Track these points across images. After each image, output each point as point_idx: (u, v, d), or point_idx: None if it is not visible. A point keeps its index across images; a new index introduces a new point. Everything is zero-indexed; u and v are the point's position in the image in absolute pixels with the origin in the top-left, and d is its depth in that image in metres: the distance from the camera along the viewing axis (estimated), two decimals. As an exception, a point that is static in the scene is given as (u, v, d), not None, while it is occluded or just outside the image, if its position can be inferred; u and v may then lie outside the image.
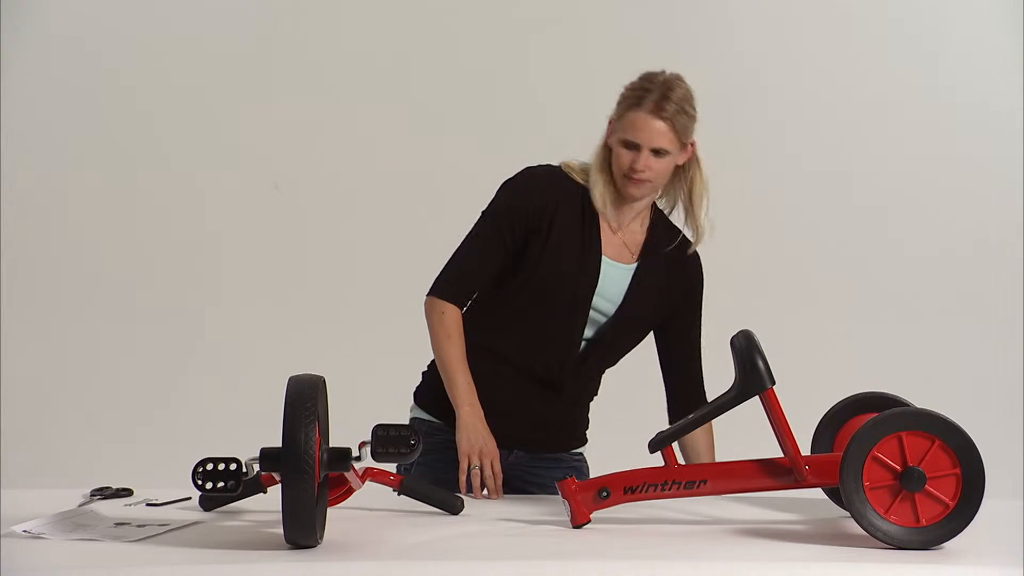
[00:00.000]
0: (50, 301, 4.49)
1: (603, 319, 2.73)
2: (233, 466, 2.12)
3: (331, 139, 4.46)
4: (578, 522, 2.31)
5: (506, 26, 4.48)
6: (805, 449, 2.33)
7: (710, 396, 2.35)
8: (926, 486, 2.12)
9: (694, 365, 2.85)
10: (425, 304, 2.75)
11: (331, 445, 2.15)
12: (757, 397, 2.28)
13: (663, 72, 2.71)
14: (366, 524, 2.33)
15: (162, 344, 4.47)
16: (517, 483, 2.77)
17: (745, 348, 2.28)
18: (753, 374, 2.27)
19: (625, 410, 4.25)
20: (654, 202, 2.78)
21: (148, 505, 2.48)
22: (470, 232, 2.76)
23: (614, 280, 2.73)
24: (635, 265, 2.75)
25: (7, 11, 4.25)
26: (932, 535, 2.11)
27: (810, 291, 4.44)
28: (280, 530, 2.08)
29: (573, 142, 4.44)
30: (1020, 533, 2.24)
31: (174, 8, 4.48)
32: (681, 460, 2.59)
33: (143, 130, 4.49)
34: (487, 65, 4.48)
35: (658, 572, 2.02)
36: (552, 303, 2.70)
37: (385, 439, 2.18)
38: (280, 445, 2.03)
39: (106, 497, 2.52)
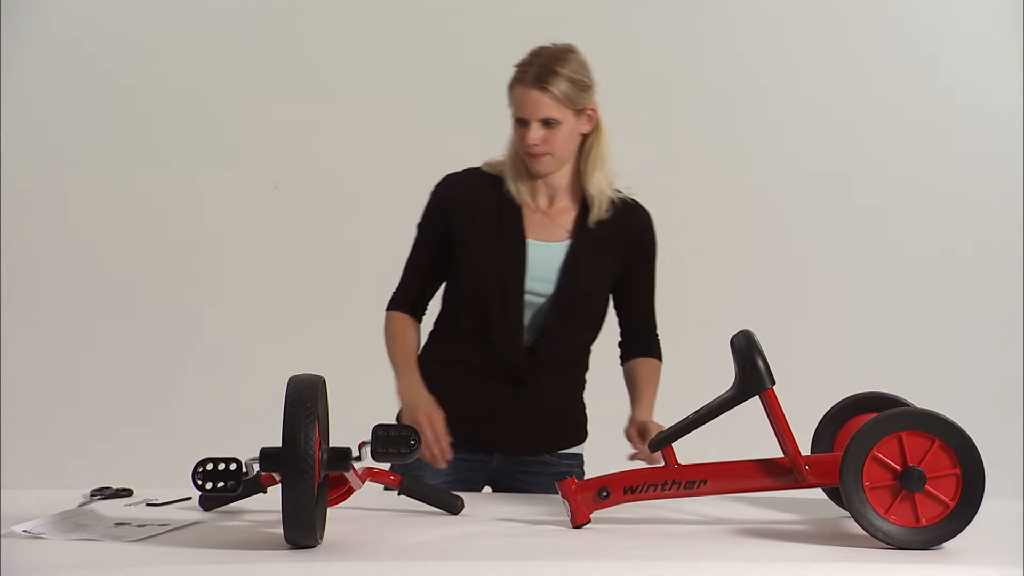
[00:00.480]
0: (50, 301, 4.49)
1: (543, 301, 2.70)
2: (233, 466, 2.12)
3: (331, 139, 4.46)
4: (578, 522, 2.31)
5: (506, 26, 4.47)
6: (805, 449, 2.33)
7: (710, 396, 2.34)
8: (926, 486, 2.12)
9: (648, 313, 2.85)
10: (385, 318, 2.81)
11: (331, 445, 2.15)
12: (757, 397, 2.28)
13: (550, 45, 2.70)
14: (366, 524, 2.33)
15: (162, 344, 4.47)
16: (503, 488, 2.77)
17: (745, 348, 2.28)
18: (753, 374, 2.27)
19: (625, 410, 4.26)
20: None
21: (148, 505, 2.48)
22: (411, 248, 2.81)
23: (545, 261, 2.70)
24: (568, 242, 2.72)
25: (7, 11, 4.25)
26: (932, 535, 2.11)
27: (810, 291, 4.44)
28: (280, 530, 2.08)
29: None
30: (1020, 533, 2.24)
31: (174, 8, 4.48)
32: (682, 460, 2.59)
33: (143, 130, 4.49)
34: (487, 65, 4.45)
35: (658, 572, 2.02)
36: (486, 296, 2.69)
37: (385, 439, 2.18)
38: (280, 445, 2.04)
39: (106, 497, 2.52)
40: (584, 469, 2.87)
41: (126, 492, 2.58)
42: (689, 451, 2.35)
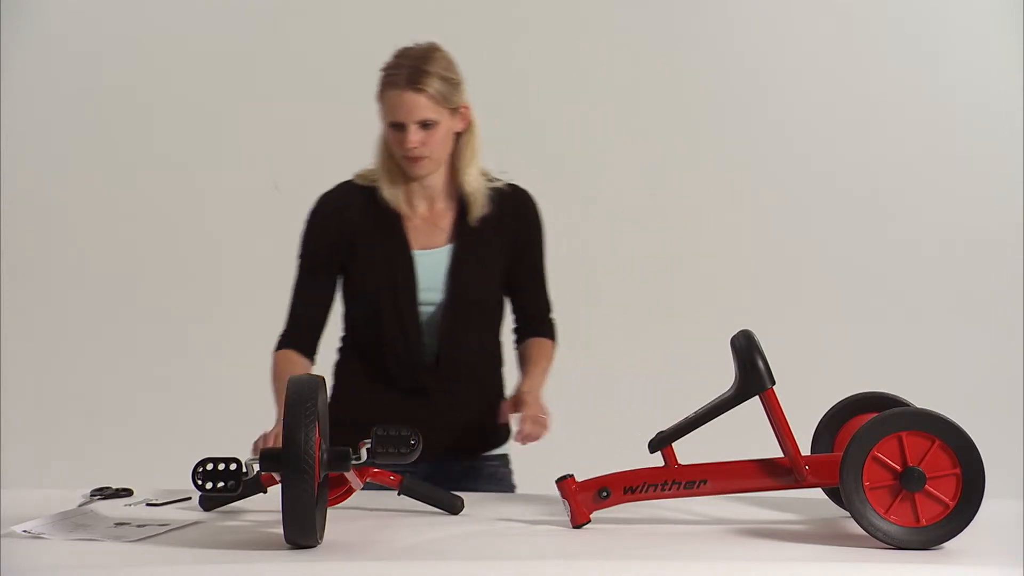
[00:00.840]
0: (50, 301, 4.49)
1: (435, 309, 2.67)
2: (233, 466, 2.12)
3: (331, 139, 4.46)
4: (578, 522, 2.31)
5: (506, 26, 4.48)
6: (805, 449, 2.33)
7: (710, 396, 2.34)
8: (926, 486, 2.13)
9: (539, 296, 2.80)
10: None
11: (331, 446, 2.15)
12: (757, 397, 2.28)
13: (415, 45, 2.66)
14: (366, 524, 2.33)
15: (162, 344, 4.47)
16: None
17: (745, 348, 2.28)
18: (753, 374, 2.27)
19: (625, 410, 4.27)
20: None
21: (148, 505, 2.48)
22: (294, 282, 2.75)
23: (432, 268, 2.67)
24: (451, 246, 2.69)
25: (7, 11, 4.25)
26: (932, 535, 2.11)
27: (810, 291, 4.44)
28: (280, 530, 2.08)
29: (574, 140, 4.47)
30: (1020, 533, 2.24)
31: (174, 9, 4.48)
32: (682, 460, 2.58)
33: (143, 130, 4.49)
34: (486, 65, 4.47)
35: (658, 572, 2.02)
36: (381, 312, 2.65)
37: (384, 439, 2.18)
38: (280, 445, 2.04)
39: (106, 497, 2.53)
40: (510, 467, 2.84)
41: (126, 492, 2.58)
42: (689, 451, 2.35)
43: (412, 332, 2.65)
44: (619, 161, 4.46)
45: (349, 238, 2.67)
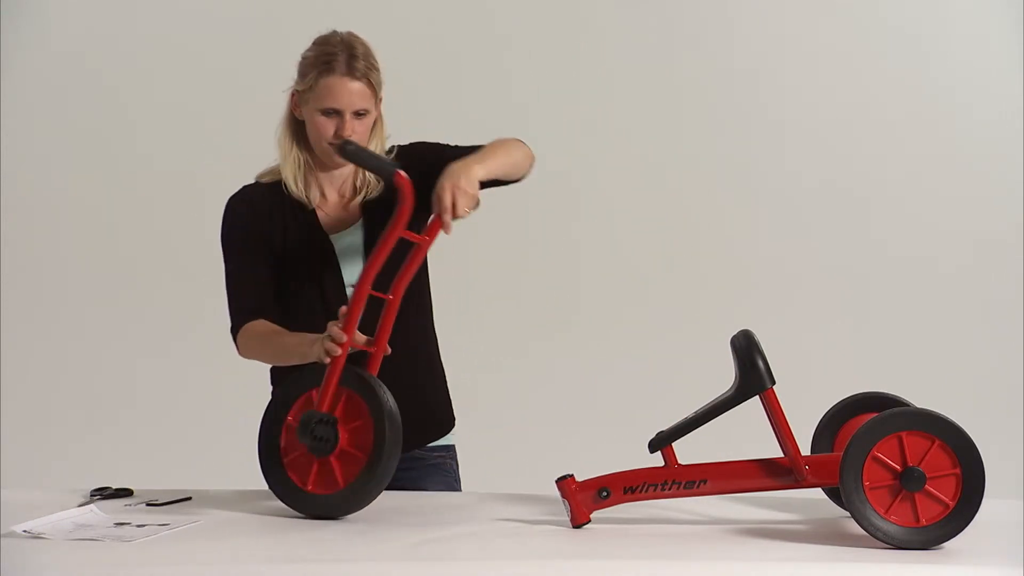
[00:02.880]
0: (50, 301, 4.49)
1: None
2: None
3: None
4: (578, 522, 2.31)
5: (505, 25, 4.48)
6: (805, 449, 2.33)
7: (710, 396, 2.34)
8: (926, 486, 2.13)
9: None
10: (241, 353, 2.68)
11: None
12: (757, 397, 2.28)
13: (336, 32, 2.64)
14: (366, 524, 2.33)
15: (162, 344, 4.47)
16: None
17: (745, 348, 2.28)
18: (753, 374, 2.27)
19: (625, 410, 4.27)
20: None
21: (148, 505, 2.48)
22: (225, 280, 2.72)
23: (349, 248, 2.64)
24: (360, 220, 2.65)
25: (7, 11, 4.25)
26: (932, 535, 2.11)
27: (810, 291, 4.44)
28: (279, 532, 2.08)
29: (574, 141, 4.47)
30: (1020, 533, 2.24)
31: (174, 9, 4.48)
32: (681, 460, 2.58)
33: (143, 131, 4.49)
34: (485, 65, 4.48)
35: (658, 572, 2.02)
36: (308, 304, 2.62)
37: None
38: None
39: (106, 497, 2.53)
40: (457, 460, 2.79)
41: (126, 492, 2.58)
42: (689, 451, 2.35)
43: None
44: (618, 161, 4.46)
45: (267, 235, 2.65)
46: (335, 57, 2.58)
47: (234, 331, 2.70)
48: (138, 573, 2.00)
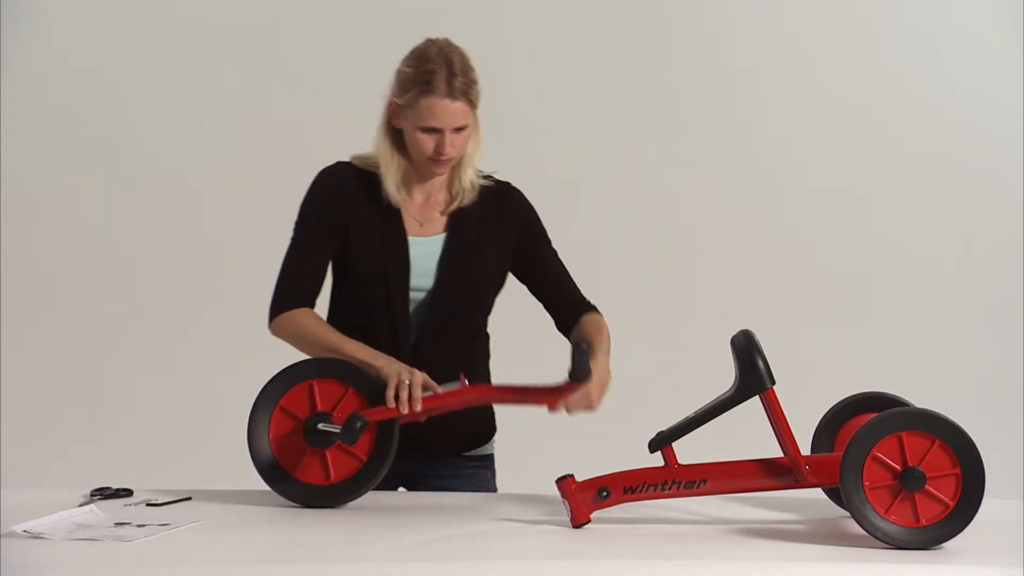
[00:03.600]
0: (50, 301, 4.49)
1: (424, 296, 2.65)
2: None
3: (331, 139, 4.45)
4: (578, 522, 2.31)
5: (505, 25, 4.48)
6: (805, 449, 2.33)
7: (710, 396, 2.34)
8: (926, 486, 2.13)
9: (565, 284, 2.75)
10: (275, 330, 2.68)
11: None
12: (757, 397, 2.28)
13: (434, 43, 2.63)
14: (367, 524, 2.33)
15: (162, 344, 4.47)
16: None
17: (745, 348, 2.28)
18: (753, 374, 2.27)
19: (625, 410, 4.26)
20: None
21: (148, 505, 2.48)
22: (287, 250, 2.71)
23: (425, 256, 2.65)
24: (445, 234, 2.67)
25: (7, 11, 4.25)
26: (932, 535, 2.12)
27: (810, 291, 4.44)
28: (279, 532, 2.08)
29: (573, 141, 4.47)
30: (1020, 533, 2.24)
31: (174, 10, 4.48)
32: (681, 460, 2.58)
33: (143, 131, 4.49)
34: (486, 65, 4.47)
35: (658, 572, 2.02)
36: (371, 296, 2.64)
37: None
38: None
39: (106, 497, 2.52)
40: (495, 469, 2.81)
41: (126, 492, 2.58)
42: (689, 451, 2.35)
43: (400, 318, 2.63)
44: (618, 161, 4.46)
45: (347, 216, 2.66)
46: (434, 75, 2.57)
47: (276, 309, 2.69)
48: (138, 573, 2.00)
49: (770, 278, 4.43)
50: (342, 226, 2.66)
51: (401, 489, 2.73)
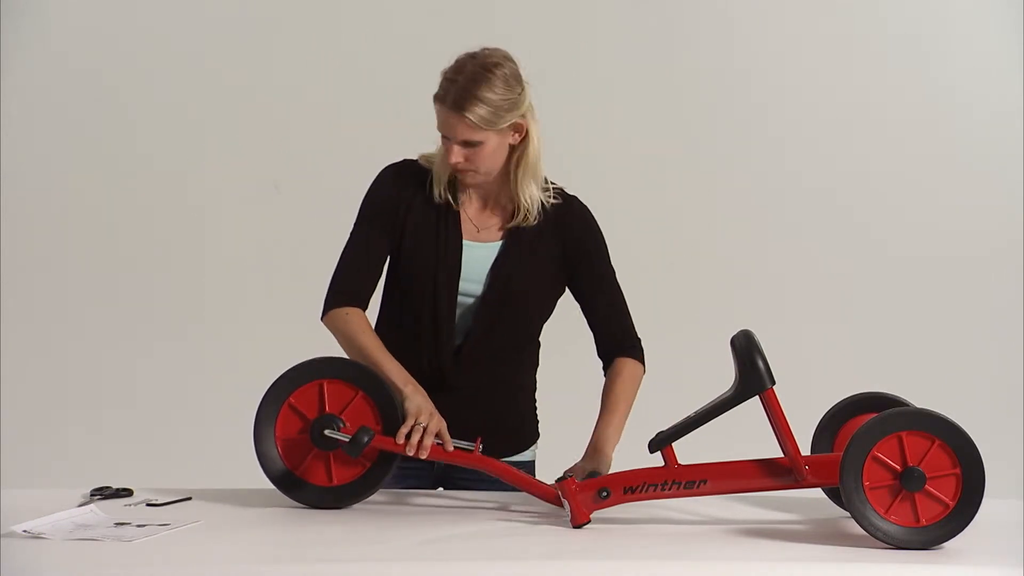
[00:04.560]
0: (50, 301, 4.49)
1: (473, 301, 2.64)
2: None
3: (331, 139, 4.46)
4: (578, 522, 2.31)
5: (505, 25, 4.47)
6: (805, 449, 2.33)
7: (710, 396, 2.34)
8: (926, 486, 2.13)
9: (612, 313, 2.72)
10: (327, 323, 2.67)
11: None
12: (757, 397, 2.28)
13: (474, 56, 2.58)
14: (367, 524, 2.33)
15: (162, 344, 4.47)
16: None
17: (745, 348, 2.28)
18: (753, 374, 2.27)
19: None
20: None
21: (148, 505, 2.48)
22: (345, 245, 2.70)
23: (478, 261, 2.64)
24: (501, 242, 2.66)
25: (7, 12, 4.25)
26: (932, 535, 2.12)
27: (810, 291, 4.44)
28: (280, 532, 2.08)
29: (573, 141, 4.47)
30: (1020, 533, 2.24)
31: (174, 10, 4.48)
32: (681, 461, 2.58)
33: (143, 131, 4.49)
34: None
35: (658, 572, 2.02)
36: (420, 295, 2.63)
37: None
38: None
39: (106, 497, 2.52)
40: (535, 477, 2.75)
41: (126, 492, 2.58)
42: (689, 451, 2.35)
43: (445, 320, 2.62)
44: (618, 161, 4.46)
45: (403, 213, 2.65)
46: (449, 87, 2.56)
47: (330, 303, 2.68)
48: (138, 573, 2.00)
49: (770, 278, 4.43)
50: (398, 223, 2.65)
51: (440, 489, 2.71)
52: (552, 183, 2.72)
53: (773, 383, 2.28)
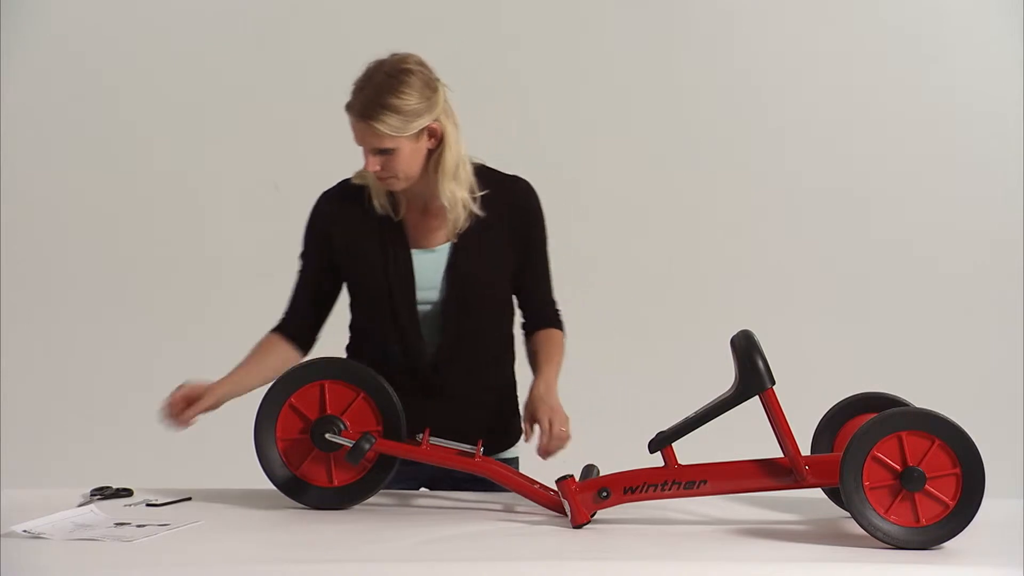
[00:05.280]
0: (50, 301, 4.49)
1: (432, 308, 2.64)
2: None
3: (331, 139, 4.45)
4: (578, 522, 2.31)
5: (505, 25, 4.48)
6: (805, 449, 2.33)
7: (710, 396, 2.34)
8: (926, 486, 2.13)
9: (542, 291, 2.74)
10: None
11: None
12: (757, 397, 2.28)
13: (382, 64, 2.58)
14: (366, 524, 2.34)
15: (162, 344, 4.47)
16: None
17: (745, 348, 2.28)
18: (753, 374, 2.27)
19: (625, 410, 4.26)
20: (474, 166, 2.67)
21: (148, 505, 2.48)
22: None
23: (430, 267, 2.64)
24: (448, 244, 2.65)
25: (7, 11, 4.25)
26: (932, 535, 2.12)
27: (810, 291, 4.44)
28: (280, 532, 2.08)
29: (574, 141, 4.47)
30: (1020, 533, 2.24)
31: (174, 10, 4.48)
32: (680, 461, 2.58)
33: (144, 131, 4.49)
34: (486, 64, 4.48)
35: (658, 572, 2.02)
36: (380, 311, 2.63)
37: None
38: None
39: (106, 497, 2.53)
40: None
41: (126, 492, 2.58)
42: (689, 451, 2.35)
43: (411, 332, 2.63)
44: (618, 161, 4.46)
45: (344, 240, 2.66)
46: (357, 95, 2.56)
47: (271, 329, 2.75)
48: (138, 573, 2.01)
49: (770, 278, 4.43)
50: (338, 250, 2.66)
51: (423, 490, 2.71)
52: (493, 168, 2.70)
53: (773, 383, 2.28)
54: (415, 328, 2.63)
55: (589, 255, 4.41)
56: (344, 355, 2.76)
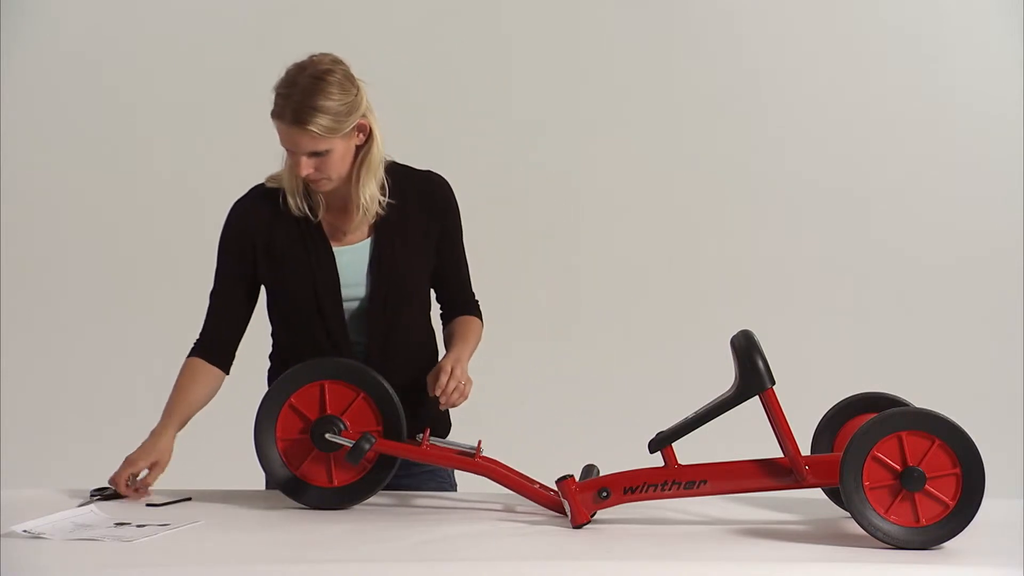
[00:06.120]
0: (50, 301, 4.49)
1: (358, 305, 2.63)
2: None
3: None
4: (578, 522, 2.31)
5: (505, 25, 4.48)
6: (805, 449, 2.33)
7: (710, 396, 2.34)
8: (926, 486, 2.13)
9: (461, 282, 2.74)
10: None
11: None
12: (757, 397, 2.28)
13: (304, 67, 2.59)
14: (366, 524, 2.34)
15: (162, 344, 4.47)
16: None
17: (745, 348, 2.28)
18: (753, 374, 2.27)
19: (625, 410, 4.27)
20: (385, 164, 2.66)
21: (148, 505, 2.48)
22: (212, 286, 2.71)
23: (353, 264, 2.63)
24: (369, 239, 2.64)
25: (7, 11, 4.25)
26: (932, 535, 2.12)
27: (810, 291, 4.45)
28: (280, 532, 2.08)
29: (574, 141, 4.47)
30: (1020, 533, 2.24)
31: (174, 10, 4.48)
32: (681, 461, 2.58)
33: (143, 131, 4.49)
34: (485, 64, 4.49)
35: (658, 572, 2.02)
36: (305, 313, 2.62)
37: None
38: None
39: (106, 497, 2.52)
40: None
41: (126, 492, 2.57)
42: (689, 451, 2.35)
43: (337, 330, 2.61)
44: (619, 161, 4.47)
45: (265, 245, 2.65)
46: (284, 102, 2.57)
47: (189, 353, 2.74)
48: (138, 573, 2.00)
49: (770, 278, 4.44)
50: (255, 258, 2.65)
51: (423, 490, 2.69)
52: (405, 165, 2.70)
53: (773, 383, 2.28)
54: (343, 326, 2.62)
55: (588, 254, 4.42)
56: (267, 365, 2.75)
